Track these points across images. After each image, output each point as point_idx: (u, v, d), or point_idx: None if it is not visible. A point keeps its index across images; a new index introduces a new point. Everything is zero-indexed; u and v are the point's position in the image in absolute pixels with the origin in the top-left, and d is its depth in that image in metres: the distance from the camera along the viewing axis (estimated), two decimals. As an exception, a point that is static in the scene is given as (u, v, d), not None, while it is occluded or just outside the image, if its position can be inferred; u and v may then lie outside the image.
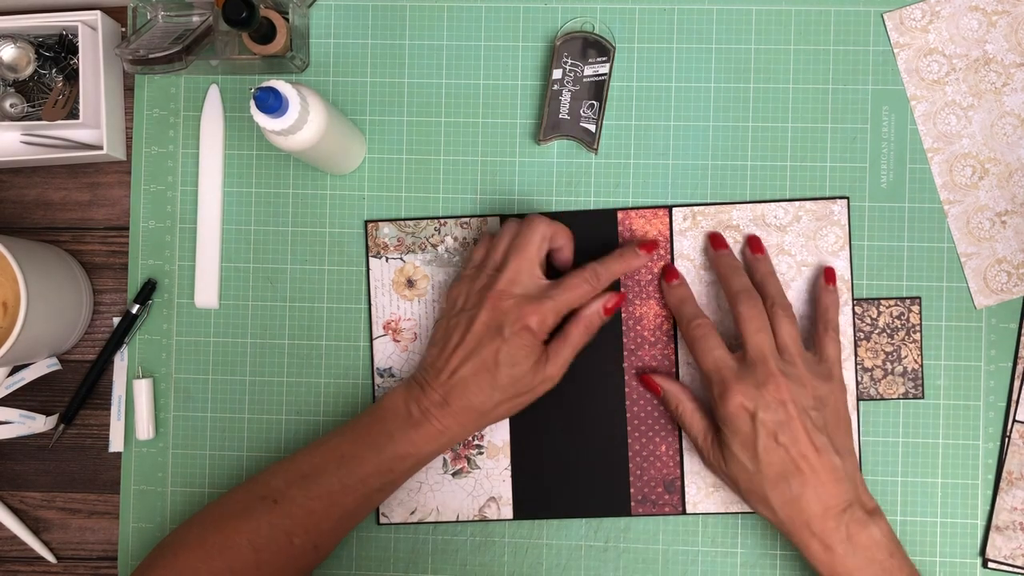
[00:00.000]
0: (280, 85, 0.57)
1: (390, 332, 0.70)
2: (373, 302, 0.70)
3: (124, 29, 0.71)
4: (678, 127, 0.69)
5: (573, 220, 0.67)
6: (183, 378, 0.71)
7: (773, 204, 0.68)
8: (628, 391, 0.68)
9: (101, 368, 0.70)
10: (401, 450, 0.62)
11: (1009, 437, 0.67)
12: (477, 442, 0.69)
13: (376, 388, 0.70)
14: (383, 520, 0.69)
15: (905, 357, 0.68)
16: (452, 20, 0.70)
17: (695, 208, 0.68)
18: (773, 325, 0.63)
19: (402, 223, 0.70)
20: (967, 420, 0.68)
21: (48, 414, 0.71)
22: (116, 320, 0.71)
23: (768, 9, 0.69)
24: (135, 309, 0.70)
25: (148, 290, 0.70)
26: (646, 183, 0.69)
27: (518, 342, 0.61)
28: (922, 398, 0.68)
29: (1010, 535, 0.67)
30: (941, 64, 0.68)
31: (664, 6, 0.69)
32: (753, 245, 0.67)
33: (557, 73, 0.67)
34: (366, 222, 0.70)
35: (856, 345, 0.68)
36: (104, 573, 0.71)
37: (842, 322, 0.68)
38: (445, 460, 0.69)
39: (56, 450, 0.71)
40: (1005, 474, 0.67)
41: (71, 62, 0.70)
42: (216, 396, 0.70)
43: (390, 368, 0.70)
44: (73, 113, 0.70)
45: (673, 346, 0.68)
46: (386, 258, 0.70)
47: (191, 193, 0.71)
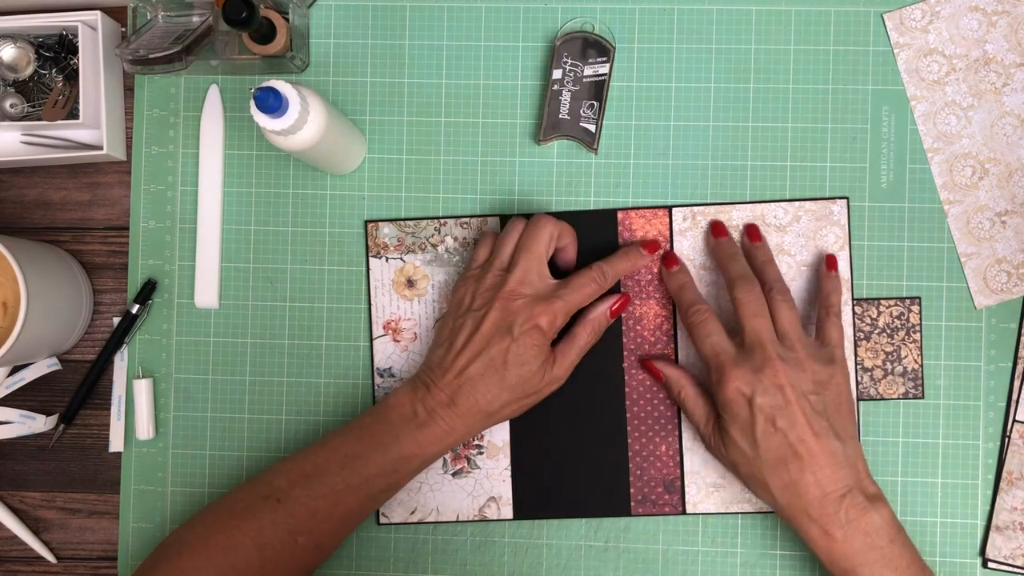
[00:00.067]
0: (280, 85, 0.57)
1: (390, 332, 0.70)
2: (373, 302, 0.70)
3: (124, 29, 0.71)
4: (678, 127, 0.69)
5: (573, 220, 0.67)
6: (183, 378, 0.71)
7: (773, 204, 0.68)
8: (628, 391, 0.68)
9: (101, 368, 0.70)
10: (406, 451, 0.62)
11: (1009, 437, 0.67)
12: (477, 442, 0.69)
13: (376, 388, 0.70)
14: (383, 520, 0.69)
15: (905, 357, 0.68)
16: (452, 20, 0.70)
17: (695, 208, 0.68)
18: (772, 310, 0.62)
19: (402, 223, 0.70)
20: (967, 420, 0.68)
21: (48, 414, 0.71)
22: (116, 320, 0.71)
23: (768, 9, 0.69)
24: (135, 309, 0.70)
25: (148, 290, 0.70)
26: (646, 183, 0.69)
27: (528, 342, 0.61)
28: (922, 398, 0.68)
29: (1010, 535, 0.67)
30: (941, 64, 0.68)
31: (664, 6, 0.69)
32: (752, 233, 0.67)
33: (557, 73, 0.67)
34: (366, 222, 0.70)
35: (856, 345, 0.68)
36: (104, 573, 0.71)
37: (842, 322, 0.67)
38: (445, 460, 0.69)
39: (56, 450, 0.71)
40: (1005, 474, 0.67)
41: (71, 62, 0.70)
42: (216, 396, 0.70)
43: (390, 368, 0.70)
44: (73, 113, 0.70)
45: (673, 346, 0.68)
46: (386, 258, 0.70)
47: (191, 193, 0.71)
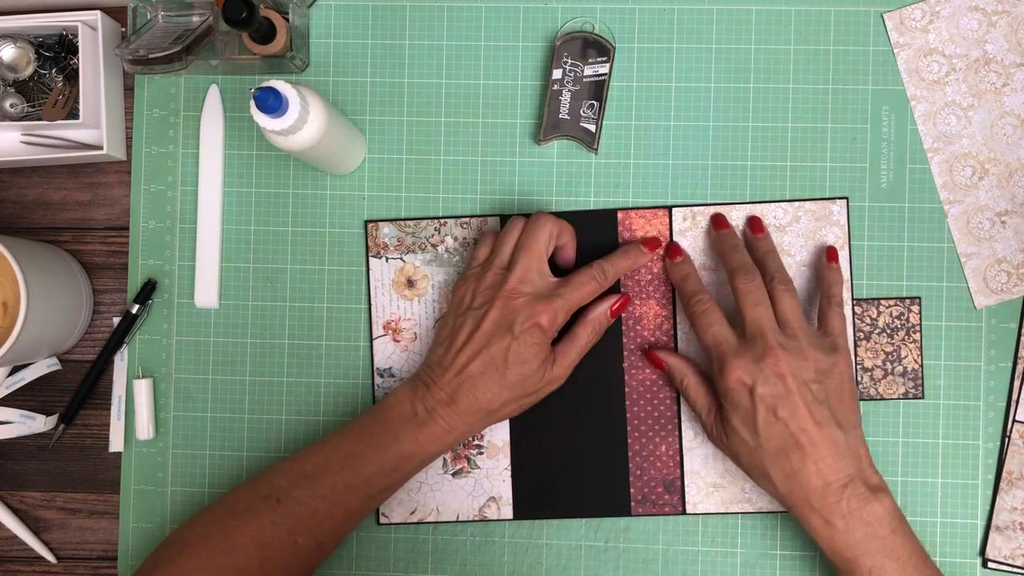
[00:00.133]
0: (280, 85, 0.57)
1: (390, 332, 0.70)
2: (373, 302, 0.70)
3: (124, 29, 0.71)
4: (678, 127, 0.69)
5: (573, 220, 0.67)
6: (183, 378, 0.71)
7: (773, 204, 0.68)
8: (628, 391, 0.68)
9: (101, 368, 0.70)
10: (406, 450, 0.62)
11: (1009, 437, 0.67)
12: (477, 442, 0.69)
13: (376, 388, 0.70)
14: (383, 520, 0.69)
15: (905, 357, 0.68)
16: (452, 20, 0.70)
17: (695, 208, 0.68)
18: (773, 300, 0.62)
19: (402, 223, 0.70)
20: (967, 420, 0.68)
21: (48, 414, 0.71)
22: (116, 320, 0.71)
23: (768, 9, 0.69)
24: (135, 309, 0.70)
25: (148, 290, 0.70)
26: (646, 183, 0.69)
27: (528, 340, 0.61)
28: (922, 398, 0.68)
29: (1010, 535, 0.67)
30: (941, 64, 0.68)
31: (664, 6, 0.69)
32: (754, 225, 0.67)
33: (557, 73, 0.67)
34: (366, 222, 0.70)
35: (856, 345, 0.68)
36: (104, 573, 0.71)
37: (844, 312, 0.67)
38: (445, 460, 0.69)
39: (56, 450, 0.71)
40: (1005, 474, 0.67)
41: (71, 62, 0.70)
42: (216, 396, 0.70)
43: (390, 368, 0.70)
44: (73, 113, 0.70)
45: (673, 346, 0.68)
46: (386, 258, 0.70)
47: (191, 193, 0.71)
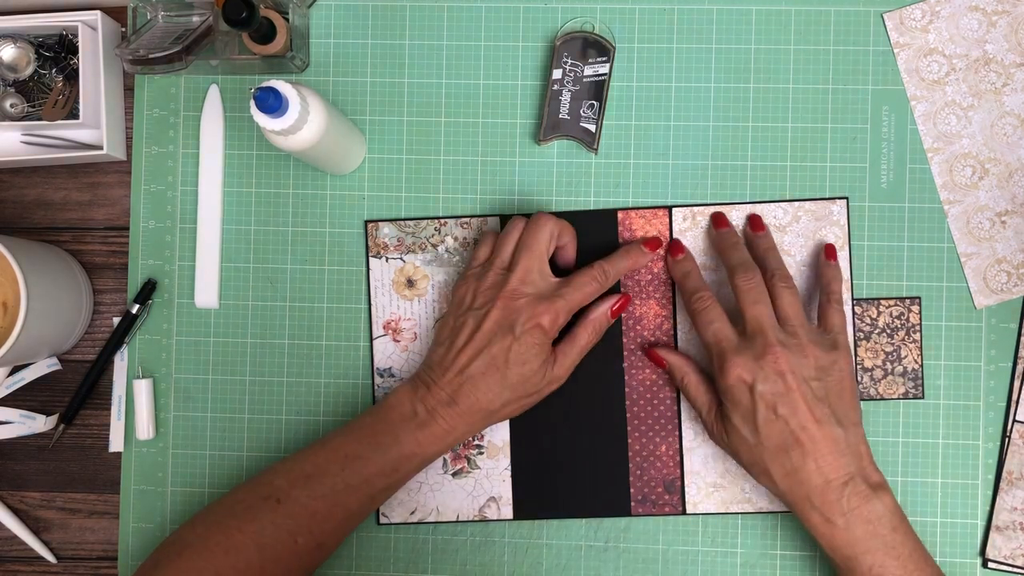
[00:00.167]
0: (280, 85, 0.57)
1: (390, 332, 0.70)
2: (373, 302, 0.70)
3: (124, 29, 0.71)
4: (678, 127, 0.69)
5: (573, 220, 0.67)
6: (183, 378, 0.71)
7: (773, 204, 0.68)
8: (628, 391, 0.68)
9: (101, 368, 0.70)
10: (407, 450, 0.62)
11: (1009, 437, 0.67)
12: (477, 442, 0.69)
13: (376, 388, 0.70)
14: (383, 520, 0.69)
15: (905, 357, 0.68)
16: (452, 20, 0.70)
17: (695, 208, 0.68)
18: (774, 296, 0.62)
19: (402, 223, 0.70)
20: (967, 420, 0.68)
21: (48, 414, 0.71)
22: (116, 320, 0.71)
23: (768, 9, 0.69)
24: (135, 309, 0.70)
25: (148, 290, 0.70)
26: (646, 183, 0.69)
27: (529, 340, 0.61)
28: (922, 398, 0.68)
29: (1010, 535, 0.67)
30: (941, 64, 0.68)
31: (664, 6, 0.69)
32: (754, 223, 0.67)
33: (557, 73, 0.67)
34: (366, 222, 0.70)
35: (856, 345, 0.68)
36: (104, 573, 0.71)
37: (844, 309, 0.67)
38: (445, 460, 0.69)
39: (56, 450, 0.71)
40: (1005, 474, 0.67)
41: (71, 62, 0.70)
42: (216, 396, 0.70)
43: (390, 368, 0.70)
44: (73, 113, 0.70)
45: (673, 345, 0.68)
46: (386, 258, 0.70)
47: (191, 193, 0.71)
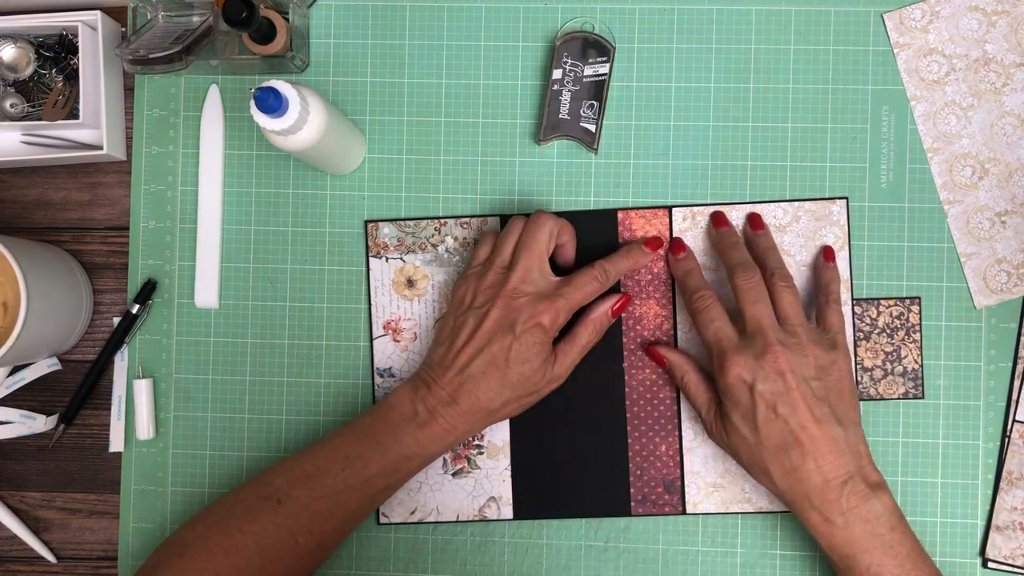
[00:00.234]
0: (280, 85, 0.57)
1: (390, 332, 0.70)
2: (373, 302, 0.70)
3: (124, 29, 0.71)
4: (678, 127, 0.69)
5: (573, 220, 0.67)
6: (183, 378, 0.71)
7: (773, 204, 0.68)
8: (628, 391, 0.68)
9: (101, 368, 0.70)
10: (407, 451, 0.61)
11: (1009, 437, 0.67)
12: (477, 442, 0.69)
13: (376, 388, 0.70)
14: (383, 520, 0.69)
15: (905, 357, 0.68)
16: (452, 20, 0.70)
17: (695, 208, 0.68)
18: (773, 295, 0.62)
19: (402, 223, 0.70)
20: (967, 420, 0.68)
21: (48, 414, 0.71)
22: (116, 320, 0.71)
23: (768, 9, 0.69)
24: (135, 309, 0.70)
25: (148, 290, 0.70)
26: (646, 183, 0.69)
27: (530, 339, 0.61)
28: (922, 398, 0.68)
29: (1010, 535, 0.67)
30: (941, 64, 0.68)
31: (664, 6, 0.69)
32: (754, 222, 0.67)
33: (557, 73, 0.67)
34: (366, 222, 0.70)
35: (856, 345, 0.68)
36: (104, 573, 0.71)
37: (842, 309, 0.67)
38: (445, 460, 0.69)
39: (56, 450, 0.71)
40: (1005, 474, 0.67)
41: (71, 62, 0.70)
42: (216, 396, 0.70)
43: (390, 368, 0.70)
44: (73, 113, 0.70)
45: (673, 345, 0.68)
46: (386, 258, 0.70)
47: (191, 193, 0.71)
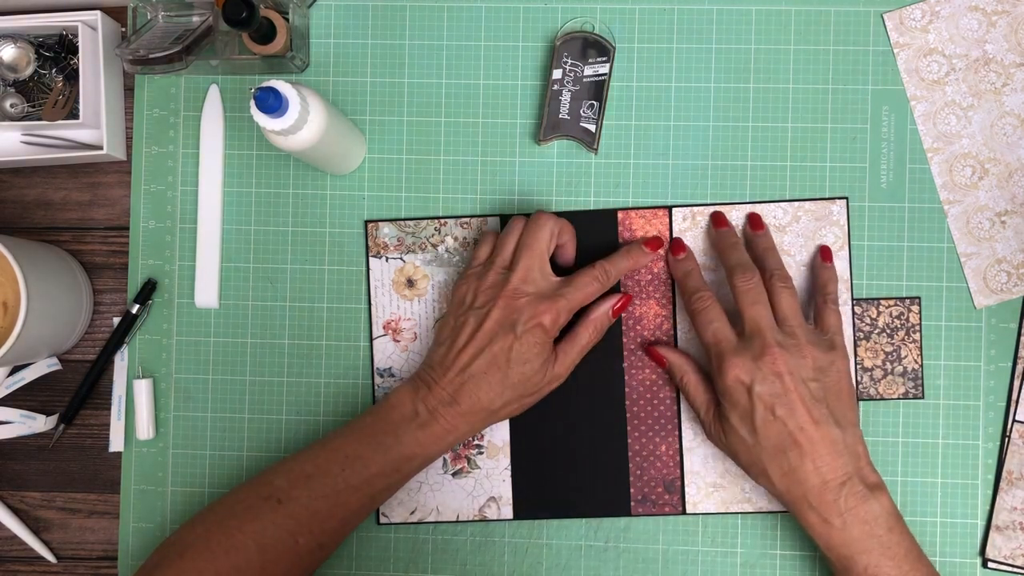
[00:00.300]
0: (280, 85, 0.57)
1: (390, 332, 0.70)
2: (373, 302, 0.70)
3: (124, 29, 0.71)
4: (678, 127, 0.69)
5: (573, 220, 0.67)
6: (183, 378, 0.71)
7: (773, 204, 0.68)
8: (628, 391, 0.68)
9: (101, 368, 0.70)
10: (407, 451, 0.61)
11: (1009, 437, 0.67)
12: (477, 442, 0.69)
13: (376, 388, 0.70)
14: (383, 520, 0.69)
15: (905, 357, 0.68)
16: (452, 20, 0.70)
17: (695, 208, 0.68)
18: (772, 297, 0.62)
19: (402, 223, 0.70)
20: (967, 420, 0.68)
21: (48, 414, 0.71)
22: (116, 320, 0.71)
23: (768, 9, 0.69)
24: (135, 309, 0.70)
25: (148, 290, 0.70)
26: (646, 183, 0.69)
27: (531, 339, 0.61)
28: (922, 398, 0.68)
29: (1010, 535, 0.67)
30: (941, 64, 0.68)
31: (664, 6, 0.69)
32: (753, 222, 0.67)
33: (557, 73, 0.67)
34: (366, 222, 0.70)
35: (856, 345, 0.68)
36: (104, 573, 0.71)
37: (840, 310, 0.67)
38: (445, 460, 0.69)
39: (56, 450, 0.71)
40: (1005, 474, 0.67)
41: (71, 62, 0.70)
42: (216, 396, 0.70)
43: (390, 368, 0.70)
44: (73, 113, 0.70)
45: (673, 345, 0.68)
46: (386, 258, 0.70)
47: (191, 193, 0.71)
